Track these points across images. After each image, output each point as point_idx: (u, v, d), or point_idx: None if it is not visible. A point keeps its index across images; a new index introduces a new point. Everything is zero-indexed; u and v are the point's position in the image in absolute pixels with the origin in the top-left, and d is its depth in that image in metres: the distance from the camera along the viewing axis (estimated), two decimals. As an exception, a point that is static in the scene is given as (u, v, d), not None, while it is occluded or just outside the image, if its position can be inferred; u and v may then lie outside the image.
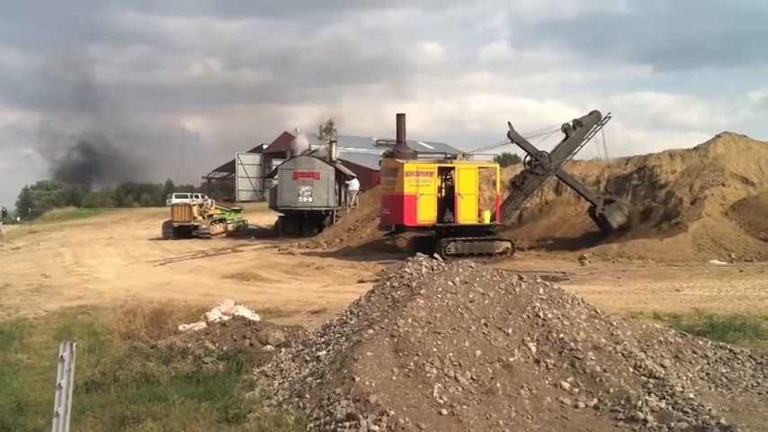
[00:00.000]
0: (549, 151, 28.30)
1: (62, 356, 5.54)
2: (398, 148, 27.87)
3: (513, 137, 27.71)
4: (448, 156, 28.72)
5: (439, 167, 26.71)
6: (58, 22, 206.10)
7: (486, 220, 27.12)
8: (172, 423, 7.35)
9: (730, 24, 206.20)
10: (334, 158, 39.73)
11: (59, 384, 5.51)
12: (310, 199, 37.98)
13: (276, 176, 41.07)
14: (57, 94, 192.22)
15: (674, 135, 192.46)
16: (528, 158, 28.39)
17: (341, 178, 39.63)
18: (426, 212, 26.01)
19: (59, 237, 41.85)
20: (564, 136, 28.69)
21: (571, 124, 28.61)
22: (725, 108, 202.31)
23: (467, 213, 26.53)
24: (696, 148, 34.76)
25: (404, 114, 28.69)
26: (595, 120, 29.02)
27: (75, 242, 37.93)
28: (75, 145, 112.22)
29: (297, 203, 38.43)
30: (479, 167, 27.95)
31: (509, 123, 27.76)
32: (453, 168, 26.77)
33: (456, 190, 26.40)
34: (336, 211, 38.42)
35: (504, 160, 47.46)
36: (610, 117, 29.40)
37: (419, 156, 28.38)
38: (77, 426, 7.23)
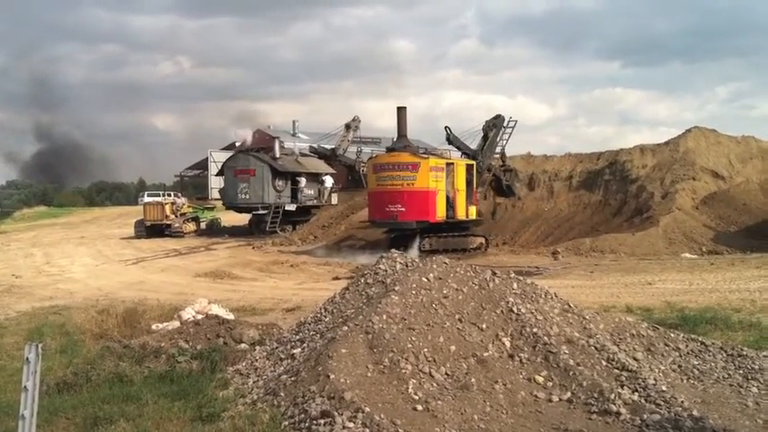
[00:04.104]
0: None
1: (27, 358, 5.45)
2: (403, 142, 27.37)
3: (452, 140, 28.94)
4: (425, 151, 28.82)
5: (447, 163, 26.75)
6: (24, 21, 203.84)
7: (473, 216, 27.44)
8: (145, 423, 7.28)
9: (696, 20, 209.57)
10: (277, 155, 39.14)
11: (25, 387, 5.43)
12: (247, 196, 37.98)
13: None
14: (23, 92, 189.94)
15: (644, 130, 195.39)
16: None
17: (286, 175, 39.11)
18: (441, 208, 26.00)
19: (30, 237, 41.37)
20: (482, 135, 30.34)
21: (488, 126, 30.40)
22: (692, 103, 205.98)
23: (462, 209, 26.71)
24: (667, 143, 35.22)
25: (405, 108, 28.10)
26: (501, 122, 30.85)
27: (46, 242, 37.51)
28: (41, 143, 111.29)
29: (237, 200, 38.56)
30: (467, 164, 28.14)
31: (446, 128, 28.99)
32: (453, 164, 26.82)
33: (455, 186, 26.46)
34: (276, 208, 38.02)
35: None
36: (515, 121, 31.41)
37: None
38: (49, 427, 7.15)
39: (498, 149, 31.33)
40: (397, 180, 26.00)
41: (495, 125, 30.59)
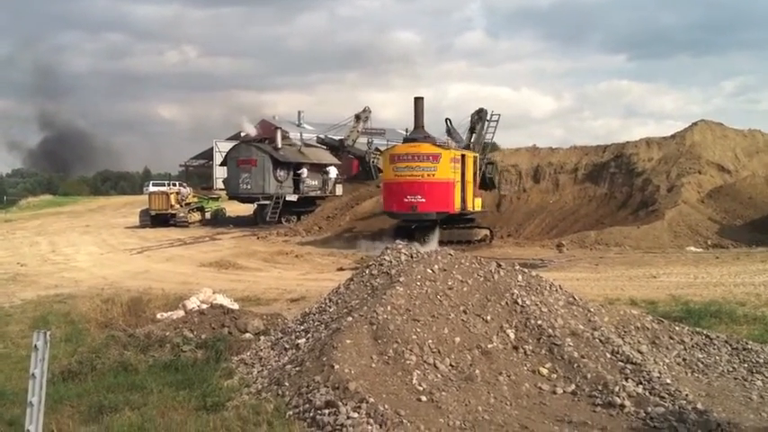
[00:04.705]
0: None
1: (35, 346, 5.45)
2: (421, 132, 27.13)
3: (452, 132, 29.53)
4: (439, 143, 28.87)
5: (461, 155, 26.78)
6: (28, 9, 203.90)
7: (478, 207, 27.47)
8: (150, 412, 7.29)
9: (702, 14, 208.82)
10: (279, 145, 39.16)
11: (33, 374, 5.43)
12: (249, 186, 38.16)
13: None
14: (27, 81, 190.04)
15: (650, 123, 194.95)
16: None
17: (288, 166, 39.21)
18: (458, 200, 26.02)
19: (35, 225, 41.48)
20: (470, 128, 30.77)
21: (473, 120, 30.84)
22: (698, 96, 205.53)
23: (470, 200, 26.76)
24: (673, 136, 35.09)
25: (422, 98, 27.77)
26: (485, 116, 31.21)
27: (51, 231, 37.59)
28: (44, 132, 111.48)
29: (239, 191, 38.73)
30: (474, 156, 28.13)
31: (447, 120, 29.86)
32: (464, 156, 26.83)
33: (465, 177, 26.47)
34: (276, 198, 38.02)
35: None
36: (498, 115, 31.80)
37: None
38: (54, 415, 7.16)
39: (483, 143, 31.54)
40: (416, 171, 25.59)
41: (480, 118, 30.90)
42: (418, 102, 27.50)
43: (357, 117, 44.51)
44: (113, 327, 11.73)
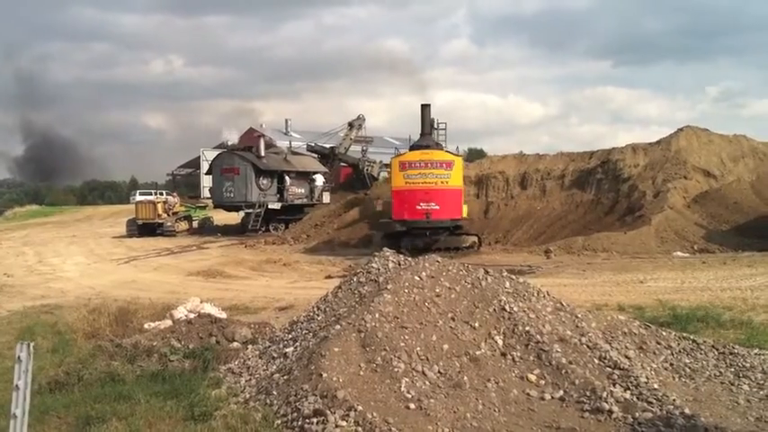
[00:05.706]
0: None
1: (19, 357, 5.44)
2: (427, 140, 27.22)
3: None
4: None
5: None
6: (12, 19, 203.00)
7: (465, 214, 27.54)
8: (137, 422, 7.26)
9: (687, 20, 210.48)
10: (262, 153, 39.23)
11: (17, 385, 5.41)
12: (232, 194, 38.33)
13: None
14: (10, 91, 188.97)
15: (636, 129, 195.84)
16: None
17: (272, 174, 39.31)
18: (462, 206, 26.14)
19: (22, 235, 41.26)
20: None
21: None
22: (684, 102, 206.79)
23: (462, 208, 26.90)
24: (659, 142, 35.23)
25: (429, 105, 27.79)
26: (432, 124, 31.31)
27: (37, 241, 37.39)
28: (28, 141, 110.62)
29: (223, 199, 38.95)
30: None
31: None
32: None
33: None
34: (259, 206, 38.11)
35: (470, 157, 47.70)
36: (444, 123, 33.84)
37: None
38: (41, 426, 7.13)
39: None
40: (430, 178, 25.54)
41: (433, 126, 31.04)
42: (425, 109, 27.51)
43: (350, 125, 44.47)
44: (100, 337, 11.66)
